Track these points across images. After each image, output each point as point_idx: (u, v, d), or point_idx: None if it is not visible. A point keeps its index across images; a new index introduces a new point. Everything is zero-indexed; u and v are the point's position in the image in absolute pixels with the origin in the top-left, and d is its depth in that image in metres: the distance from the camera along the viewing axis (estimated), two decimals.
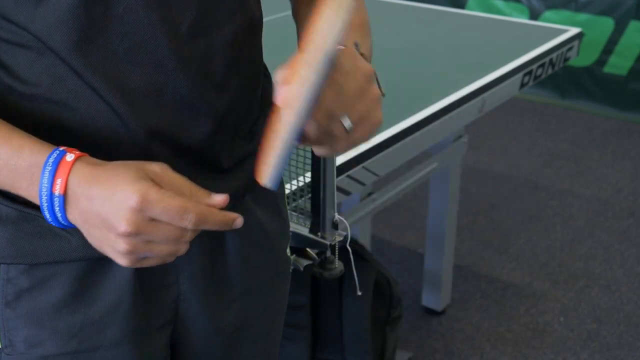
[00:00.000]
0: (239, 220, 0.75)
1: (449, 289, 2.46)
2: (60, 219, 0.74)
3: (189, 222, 0.71)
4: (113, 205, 0.70)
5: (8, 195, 0.82)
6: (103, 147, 0.79)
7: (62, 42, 0.75)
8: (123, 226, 0.70)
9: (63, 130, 0.79)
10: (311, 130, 0.75)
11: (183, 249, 0.75)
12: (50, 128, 0.79)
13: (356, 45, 0.83)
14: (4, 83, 0.78)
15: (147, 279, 0.88)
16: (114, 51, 0.76)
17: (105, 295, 0.86)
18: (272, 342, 1.07)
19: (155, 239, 0.72)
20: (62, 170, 0.72)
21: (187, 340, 0.96)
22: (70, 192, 0.72)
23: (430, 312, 2.45)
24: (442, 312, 2.45)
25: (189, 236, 0.73)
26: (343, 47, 0.76)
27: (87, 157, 0.74)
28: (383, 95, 0.80)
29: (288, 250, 1.06)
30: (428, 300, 2.45)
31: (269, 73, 0.98)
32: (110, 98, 0.77)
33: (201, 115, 0.83)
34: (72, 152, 0.73)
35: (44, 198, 0.72)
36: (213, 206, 0.73)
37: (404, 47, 2.26)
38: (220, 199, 0.74)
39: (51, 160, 0.72)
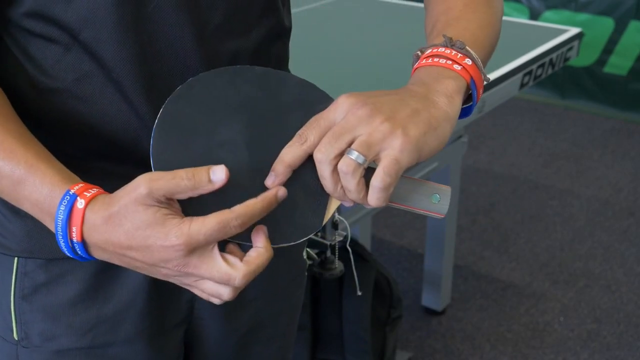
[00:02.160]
0: (281, 192, 0.69)
1: (449, 289, 2.45)
2: (85, 256, 0.71)
3: (234, 229, 0.66)
4: (154, 256, 0.67)
5: None
6: (120, 146, 0.79)
7: (93, 37, 0.75)
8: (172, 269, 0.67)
9: (83, 127, 0.79)
10: (325, 182, 0.71)
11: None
12: (70, 124, 0.79)
13: (444, 37, 0.79)
14: (29, 76, 0.78)
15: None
16: (142, 49, 0.76)
17: (121, 293, 0.86)
18: (286, 343, 1.07)
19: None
20: (76, 220, 0.68)
21: (201, 340, 0.97)
22: (89, 241, 0.69)
23: (430, 312, 2.45)
24: (442, 312, 2.45)
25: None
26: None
27: (97, 202, 0.68)
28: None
29: (305, 254, 1.06)
30: (428, 300, 2.45)
31: None
32: (133, 96, 0.77)
33: None
34: (82, 196, 0.68)
35: (63, 245, 0.70)
36: (213, 184, 0.66)
37: (404, 47, 2.25)
38: (219, 171, 0.66)
39: (62, 208, 0.68)
